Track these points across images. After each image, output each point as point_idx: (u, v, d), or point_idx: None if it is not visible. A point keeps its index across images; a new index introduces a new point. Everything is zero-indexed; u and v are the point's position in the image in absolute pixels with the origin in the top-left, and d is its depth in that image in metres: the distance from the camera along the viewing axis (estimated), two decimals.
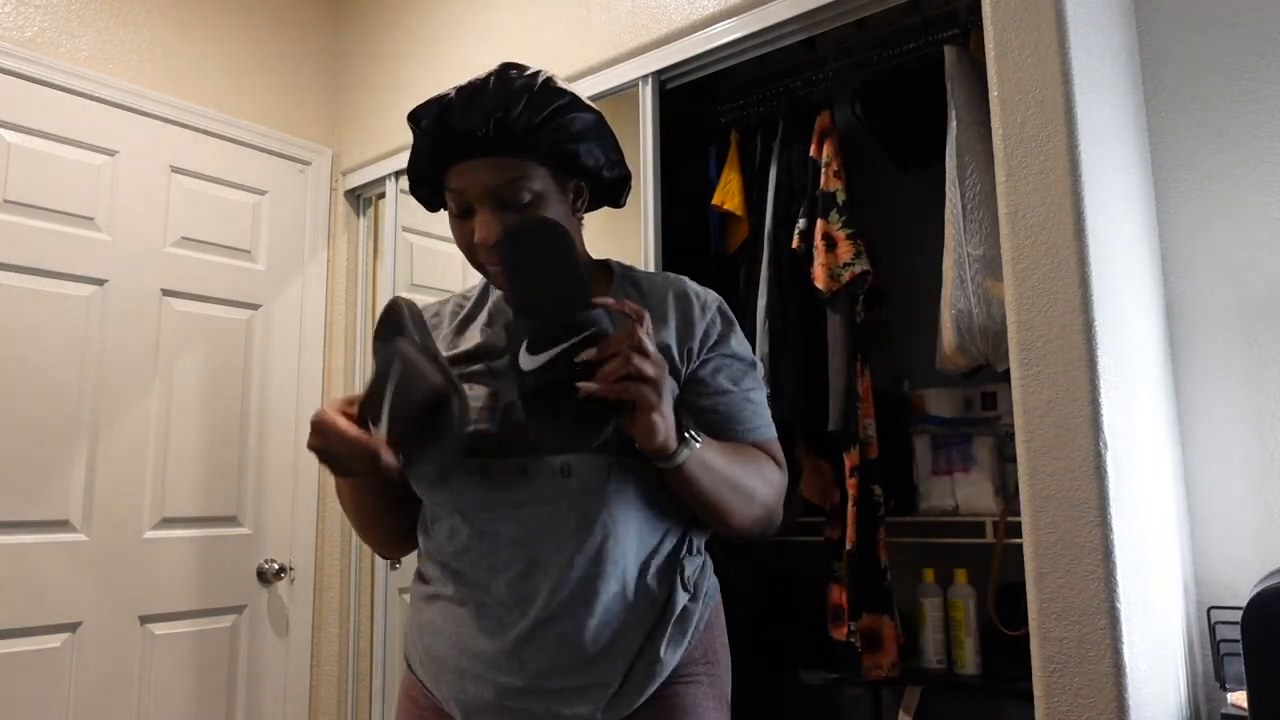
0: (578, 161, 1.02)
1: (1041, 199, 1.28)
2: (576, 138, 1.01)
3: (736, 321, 1.11)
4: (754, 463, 1.04)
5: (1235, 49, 1.78)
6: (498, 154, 0.98)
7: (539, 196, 0.99)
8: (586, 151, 1.02)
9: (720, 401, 1.04)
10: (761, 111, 2.21)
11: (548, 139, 0.99)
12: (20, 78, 2.05)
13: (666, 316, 1.04)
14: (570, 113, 1.01)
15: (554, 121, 1.00)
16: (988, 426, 1.94)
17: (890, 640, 1.81)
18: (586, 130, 1.03)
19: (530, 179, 0.99)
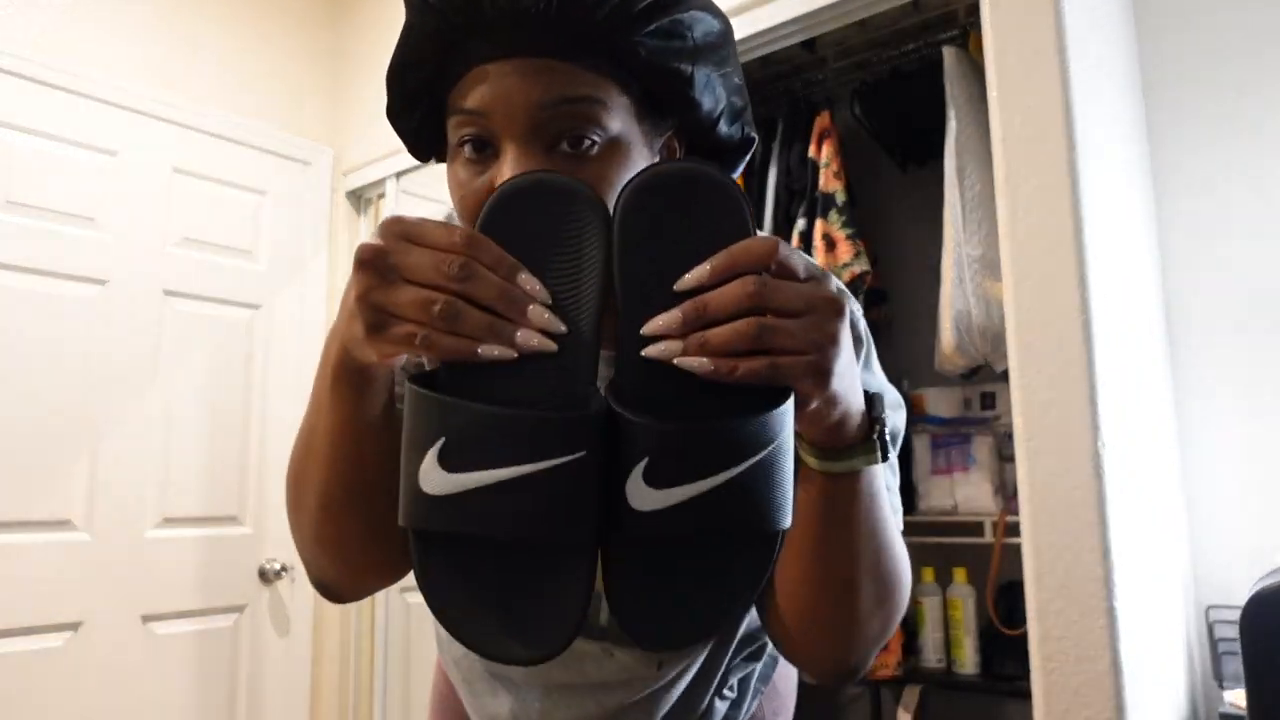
0: (687, 96, 0.61)
1: (1041, 199, 1.28)
2: (693, 54, 0.60)
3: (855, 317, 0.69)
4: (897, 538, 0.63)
5: (1234, 49, 1.78)
6: (556, 54, 0.58)
7: (615, 140, 0.59)
8: (704, 83, 0.61)
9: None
10: (761, 111, 2.21)
11: (648, 44, 0.58)
12: (20, 78, 2.05)
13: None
14: (693, 8, 0.60)
15: (663, 16, 0.58)
16: (987, 426, 1.94)
17: (894, 640, 1.81)
18: (709, 46, 0.61)
19: (606, 107, 0.58)
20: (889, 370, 0.79)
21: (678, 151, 0.67)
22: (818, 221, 1.89)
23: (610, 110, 0.59)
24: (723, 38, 0.63)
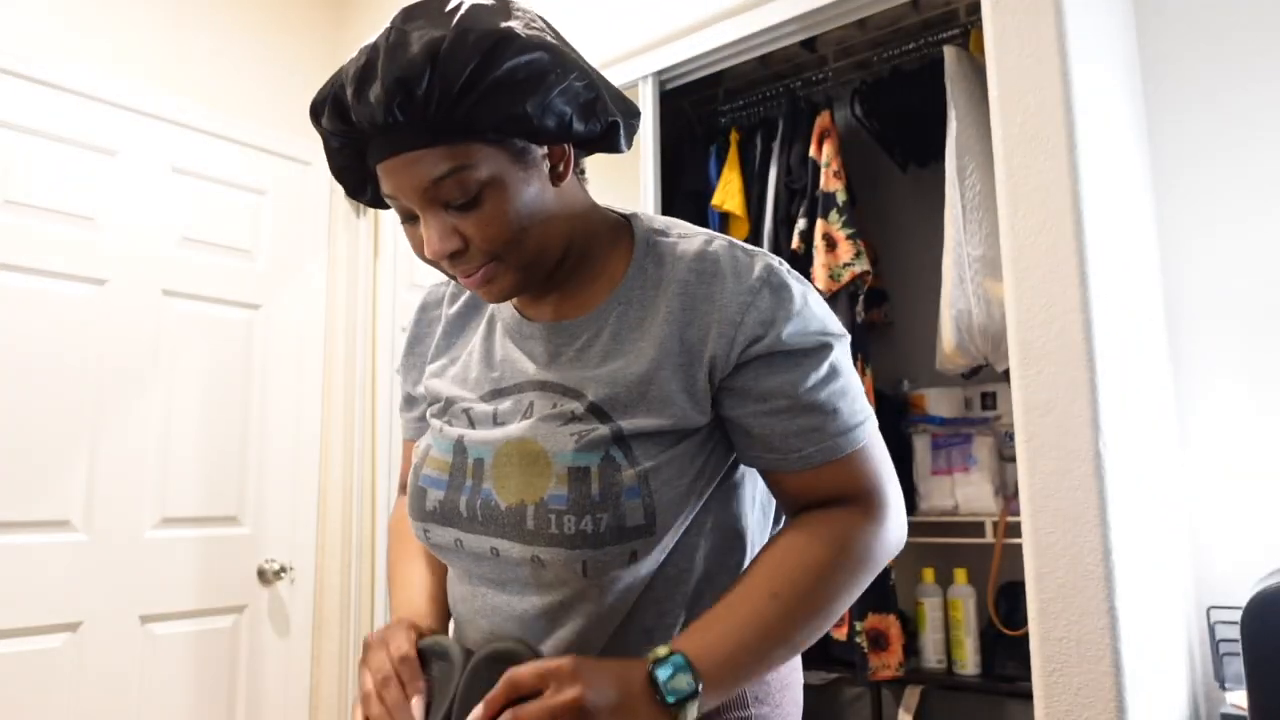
0: (534, 125, 0.73)
1: (1041, 199, 1.28)
2: (522, 96, 0.72)
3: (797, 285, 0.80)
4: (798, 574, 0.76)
5: (1234, 49, 1.78)
6: (417, 147, 0.72)
7: (490, 184, 0.74)
8: (541, 109, 0.73)
9: (756, 422, 0.79)
10: (761, 111, 2.21)
11: (479, 110, 0.71)
12: (20, 78, 2.05)
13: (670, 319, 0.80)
14: (504, 62, 0.70)
15: (481, 84, 0.70)
16: (988, 426, 1.94)
17: (895, 640, 1.81)
18: (534, 79, 0.72)
19: (471, 168, 0.73)
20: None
21: (566, 153, 0.79)
22: (818, 221, 1.89)
23: (475, 167, 0.73)
24: (544, 65, 0.72)
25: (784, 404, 0.78)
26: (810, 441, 0.78)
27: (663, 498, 0.77)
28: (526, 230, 0.76)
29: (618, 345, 0.81)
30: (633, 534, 0.76)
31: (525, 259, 0.78)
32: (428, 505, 0.84)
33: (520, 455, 0.79)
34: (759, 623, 0.74)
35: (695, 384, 0.79)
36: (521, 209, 0.75)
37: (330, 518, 2.52)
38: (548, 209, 0.78)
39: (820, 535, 0.78)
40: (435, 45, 0.69)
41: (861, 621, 1.80)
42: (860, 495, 0.81)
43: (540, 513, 0.77)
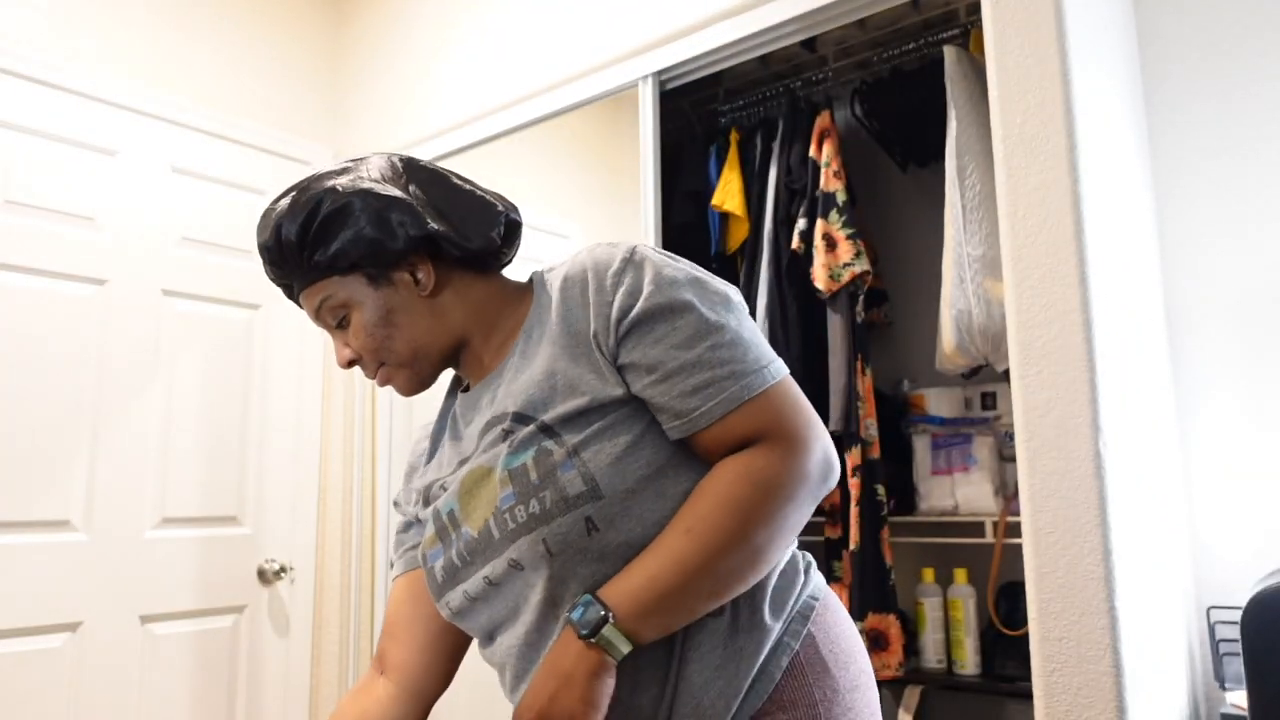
0: (350, 257, 0.90)
1: (1041, 199, 1.28)
2: (332, 237, 0.90)
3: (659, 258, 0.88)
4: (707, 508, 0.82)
5: (1235, 49, 1.78)
6: (307, 284, 0.93)
7: (350, 306, 0.92)
8: (354, 242, 0.89)
9: (654, 392, 0.85)
10: (761, 111, 2.21)
11: (316, 255, 0.90)
12: (20, 78, 2.05)
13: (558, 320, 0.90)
14: (319, 215, 0.90)
15: (307, 236, 0.90)
16: (988, 426, 1.94)
17: (896, 640, 1.81)
18: (334, 223, 0.90)
19: (330, 298, 0.92)
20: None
21: (419, 266, 0.93)
22: (818, 221, 1.89)
23: (333, 296, 0.92)
24: (351, 209, 0.90)
25: (672, 367, 0.84)
26: (707, 397, 0.83)
27: (599, 464, 0.83)
28: (391, 336, 0.93)
29: (525, 362, 0.91)
30: (578, 501, 0.82)
31: (403, 358, 0.94)
32: (437, 577, 0.92)
33: (473, 483, 0.89)
34: (673, 556, 0.80)
35: (595, 361, 0.87)
36: (380, 321, 0.93)
37: (330, 518, 2.52)
38: (414, 314, 0.93)
39: (731, 471, 0.83)
40: (278, 216, 0.91)
41: (861, 621, 1.80)
42: (771, 434, 0.83)
43: (499, 518, 0.85)
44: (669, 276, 0.86)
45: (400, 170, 0.96)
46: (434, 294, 0.94)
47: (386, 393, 2.45)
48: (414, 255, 0.92)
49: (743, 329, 0.86)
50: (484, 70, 2.27)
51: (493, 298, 0.97)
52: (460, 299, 0.95)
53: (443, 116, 2.37)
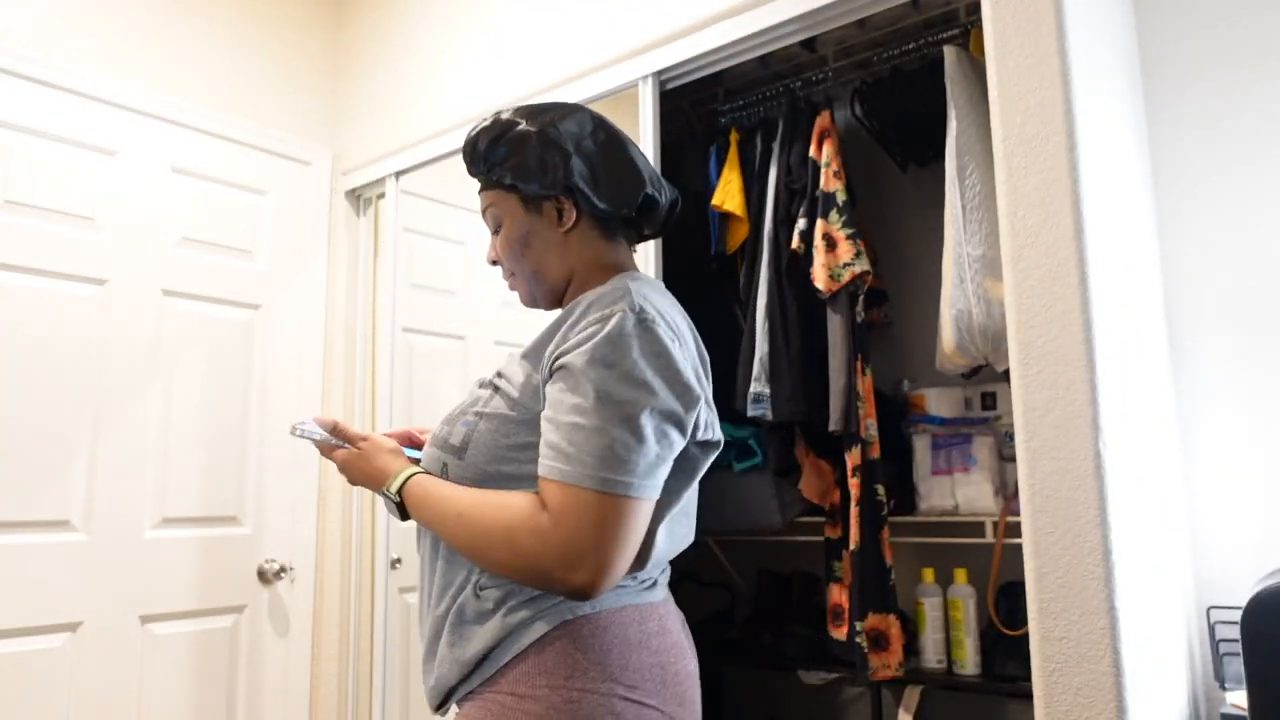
0: (509, 180, 1.10)
1: (1041, 199, 1.28)
2: (504, 158, 1.09)
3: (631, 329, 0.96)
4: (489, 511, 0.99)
5: (1235, 49, 1.78)
6: (484, 187, 1.14)
7: (504, 218, 1.12)
8: (517, 169, 1.09)
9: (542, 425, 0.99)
10: (761, 111, 2.21)
11: (491, 166, 1.11)
12: (20, 78, 2.05)
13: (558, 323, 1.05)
14: (506, 134, 1.09)
15: (494, 149, 1.10)
16: (988, 426, 1.94)
17: (896, 640, 1.81)
18: (509, 148, 1.09)
19: (494, 205, 1.12)
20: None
21: (565, 206, 1.10)
22: (818, 221, 1.89)
23: (495, 205, 1.13)
24: (518, 138, 1.09)
25: (551, 415, 0.96)
26: (547, 456, 0.95)
27: (479, 439, 1.02)
28: (524, 254, 1.12)
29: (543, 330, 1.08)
30: (449, 450, 1.05)
31: (527, 274, 1.13)
32: None
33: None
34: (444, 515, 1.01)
35: (532, 376, 1.02)
36: (520, 238, 1.12)
37: (330, 518, 2.52)
38: (546, 243, 1.11)
39: (522, 513, 0.96)
40: (480, 129, 1.12)
41: (861, 621, 1.80)
42: (559, 526, 0.93)
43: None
44: (601, 355, 0.94)
45: (589, 127, 1.11)
46: (568, 233, 1.11)
47: (386, 393, 2.45)
48: (562, 196, 1.09)
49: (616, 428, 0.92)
50: (484, 70, 2.27)
51: (603, 260, 1.13)
52: (583, 247, 1.12)
53: (443, 116, 2.37)
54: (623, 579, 1.00)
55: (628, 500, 0.92)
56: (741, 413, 1.95)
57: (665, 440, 0.96)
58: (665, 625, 1.04)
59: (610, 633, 0.98)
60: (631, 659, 0.98)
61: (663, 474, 0.97)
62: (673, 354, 0.97)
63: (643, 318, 0.97)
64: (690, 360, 1.01)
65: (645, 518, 0.95)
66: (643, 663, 0.99)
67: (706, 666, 2.22)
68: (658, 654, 1.00)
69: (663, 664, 1.00)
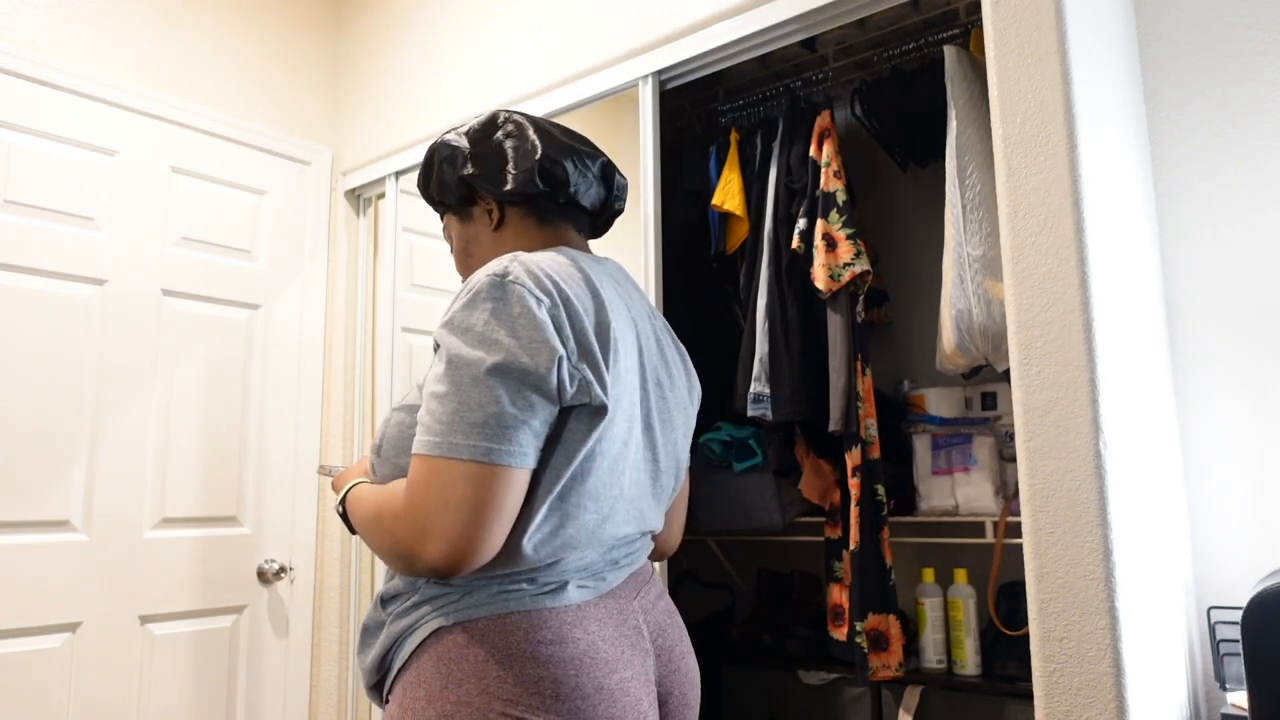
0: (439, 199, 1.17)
1: (1041, 199, 1.28)
2: (427, 182, 1.18)
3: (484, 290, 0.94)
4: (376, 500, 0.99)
5: (1235, 49, 1.78)
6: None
7: (451, 235, 1.20)
8: (438, 188, 1.16)
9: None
10: (761, 111, 2.21)
11: (427, 194, 1.19)
12: (20, 78, 2.05)
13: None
14: (428, 162, 1.17)
15: (424, 178, 1.18)
16: (988, 426, 1.94)
17: (896, 640, 1.81)
18: (429, 172, 1.17)
19: (445, 227, 1.21)
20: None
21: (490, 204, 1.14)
22: (818, 221, 1.89)
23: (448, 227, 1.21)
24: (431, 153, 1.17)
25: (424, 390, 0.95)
26: (416, 433, 0.94)
27: (390, 433, 1.02)
28: (467, 262, 1.18)
29: None
30: (374, 450, 1.05)
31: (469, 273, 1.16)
32: None
33: None
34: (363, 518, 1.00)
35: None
36: (461, 249, 1.19)
37: (330, 518, 2.52)
38: (483, 245, 1.16)
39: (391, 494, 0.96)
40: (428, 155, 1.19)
41: (861, 622, 1.80)
42: (408, 494, 0.92)
43: None
44: (457, 320, 0.93)
45: (494, 127, 1.14)
46: (499, 230, 1.14)
47: (386, 393, 2.45)
48: (480, 197, 1.14)
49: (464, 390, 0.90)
50: (484, 70, 2.27)
51: (534, 246, 1.13)
52: (517, 238, 1.13)
53: (443, 117, 2.37)
54: (517, 582, 0.95)
55: (475, 465, 0.87)
56: (741, 413, 1.95)
57: (522, 401, 0.89)
58: (567, 634, 0.93)
59: (488, 642, 0.92)
60: (514, 670, 0.91)
61: (524, 439, 0.90)
62: (532, 311, 0.91)
63: (503, 279, 0.92)
64: (571, 322, 0.94)
65: (504, 486, 0.89)
66: (527, 675, 0.90)
67: (706, 666, 2.22)
68: (549, 666, 0.91)
69: (556, 677, 0.91)
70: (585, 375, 0.94)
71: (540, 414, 0.91)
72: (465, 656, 0.92)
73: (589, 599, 0.98)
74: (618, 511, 1.00)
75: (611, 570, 1.02)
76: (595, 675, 0.93)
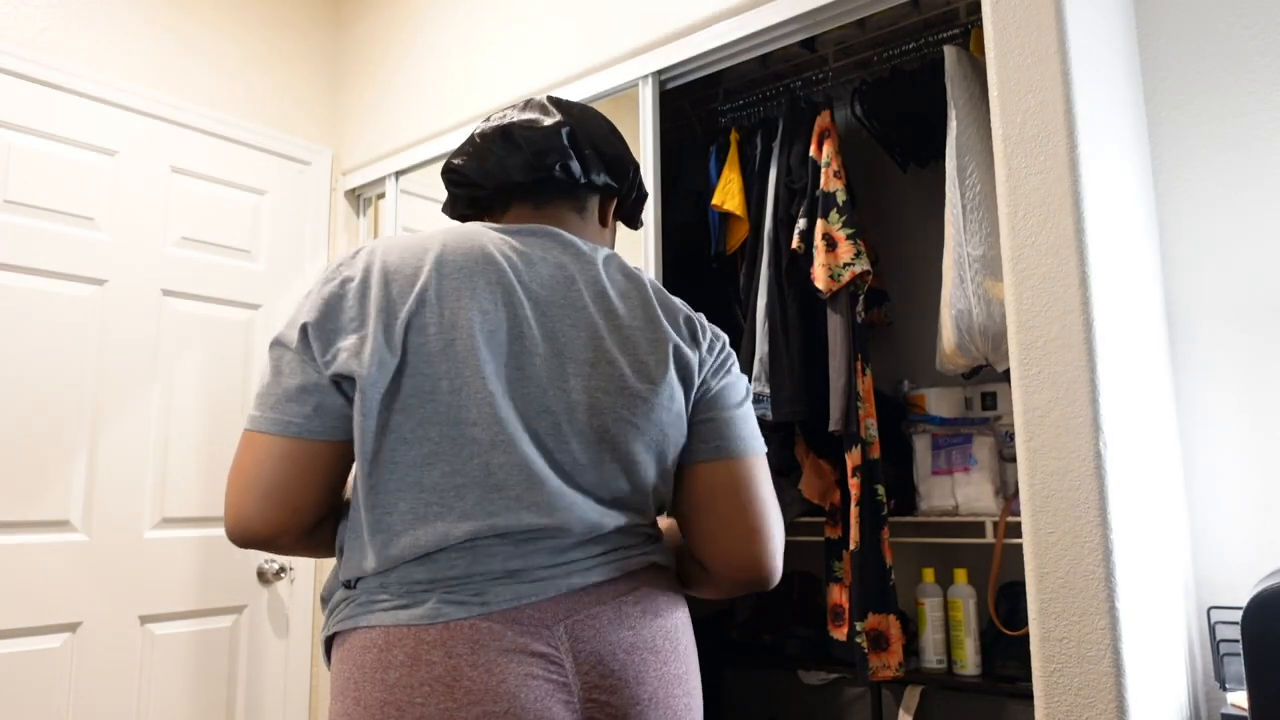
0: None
1: (1041, 199, 1.28)
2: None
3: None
4: None
5: (1235, 49, 1.78)
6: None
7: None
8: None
9: None
10: (761, 111, 2.21)
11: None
12: (20, 78, 2.05)
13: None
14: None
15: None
16: (988, 426, 1.94)
17: (896, 640, 1.81)
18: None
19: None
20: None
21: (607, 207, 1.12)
22: (818, 221, 1.89)
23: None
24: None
25: None
26: None
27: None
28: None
29: None
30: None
31: None
32: None
33: None
34: None
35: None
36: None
37: None
38: (589, 237, 1.09)
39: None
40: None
41: (861, 622, 1.80)
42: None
43: None
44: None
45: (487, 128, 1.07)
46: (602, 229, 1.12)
47: None
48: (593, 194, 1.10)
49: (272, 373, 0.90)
50: (485, 70, 2.27)
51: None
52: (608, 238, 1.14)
53: (443, 116, 2.37)
54: (377, 593, 0.88)
55: (247, 433, 0.90)
56: None
57: (275, 367, 0.90)
58: (422, 656, 0.84)
59: (351, 658, 0.87)
60: (365, 691, 0.84)
61: (289, 408, 0.87)
62: (315, 290, 0.92)
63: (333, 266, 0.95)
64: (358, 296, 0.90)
65: (267, 452, 0.88)
66: (375, 698, 0.83)
67: (707, 666, 2.21)
68: (394, 690, 0.83)
69: (400, 703, 0.82)
70: (336, 340, 0.88)
71: (297, 378, 0.88)
72: (337, 671, 0.89)
73: (463, 617, 0.85)
74: (466, 498, 0.87)
75: (503, 585, 0.87)
76: (448, 705, 0.82)
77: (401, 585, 0.87)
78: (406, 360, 0.88)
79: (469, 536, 0.86)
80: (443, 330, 0.88)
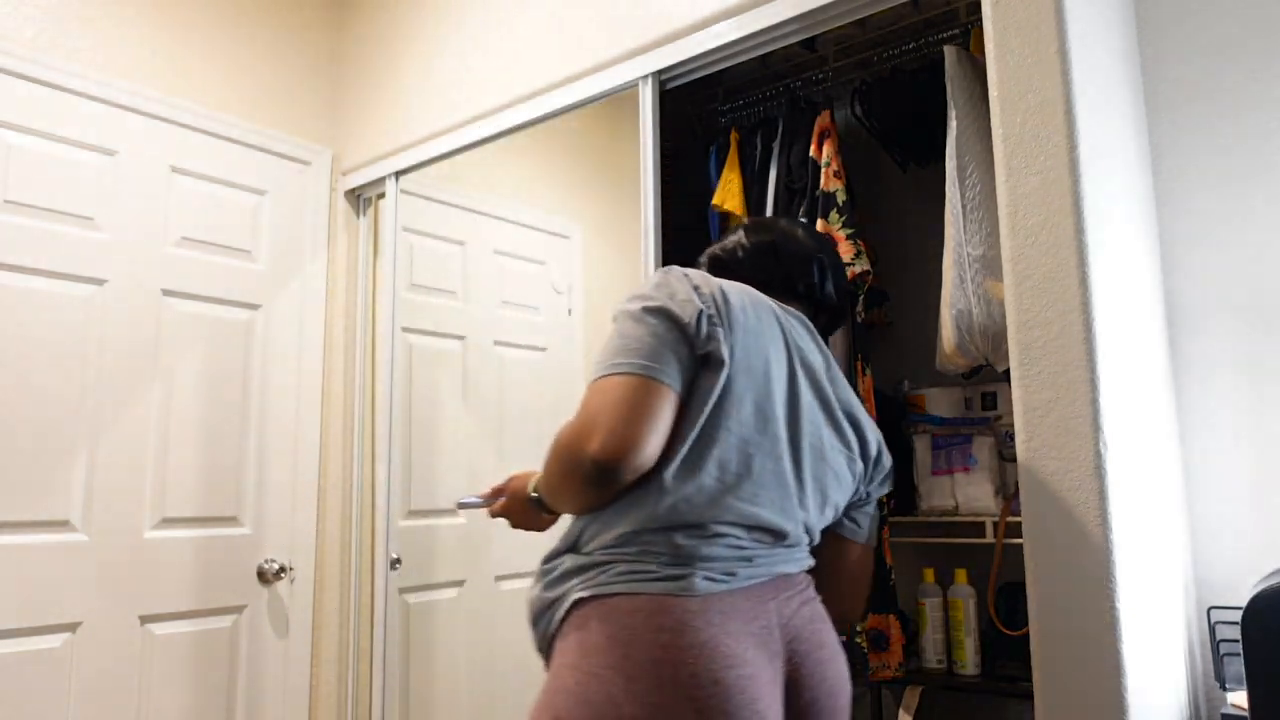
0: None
1: (1041, 199, 1.28)
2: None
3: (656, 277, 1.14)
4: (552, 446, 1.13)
5: (1235, 50, 1.78)
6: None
7: None
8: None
9: None
10: (761, 111, 2.21)
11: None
12: (20, 78, 2.05)
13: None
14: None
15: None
16: (988, 426, 1.94)
17: (896, 640, 1.81)
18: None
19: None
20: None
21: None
22: (818, 221, 1.89)
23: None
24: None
25: None
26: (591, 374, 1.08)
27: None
28: None
29: None
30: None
31: None
32: None
33: None
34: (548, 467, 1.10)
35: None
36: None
37: (330, 518, 2.52)
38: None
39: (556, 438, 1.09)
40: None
41: (861, 622, 1.80)
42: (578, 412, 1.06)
43: None
44: (630, 294, 1.11)
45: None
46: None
47: (386, 393, 2.45)
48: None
49: (627, 328, 1.07)
50: (484, 70, 2.27)
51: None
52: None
53: (443, 117, 2.37)
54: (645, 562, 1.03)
55: (633, 377, 1.04)
56: None
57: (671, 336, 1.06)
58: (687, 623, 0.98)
59: (614, 619, 1.00)
60: (635, 651, 0.97)
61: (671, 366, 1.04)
62: (684, 285, 1.10)
63: (668, 270, 1.12)
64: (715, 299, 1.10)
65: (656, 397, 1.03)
66: (646, 658, 0.97)
67: None
68: (667, 650, 0.97)
69: (675, 661, 0.97)
70: (717, 331, 1.06)
71: (682, 350, 1.05)
72: (598, 630, 0.99)
73: (716, 591, 1.02)
74: (744, 488, 1.06)
75: (744, 566, 1.06)
76: (712, 667, 0.96)
77: (660, 556, 1.03)
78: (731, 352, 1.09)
79: (737, 514, 1.06)
80: (749, 348, 1.11)
